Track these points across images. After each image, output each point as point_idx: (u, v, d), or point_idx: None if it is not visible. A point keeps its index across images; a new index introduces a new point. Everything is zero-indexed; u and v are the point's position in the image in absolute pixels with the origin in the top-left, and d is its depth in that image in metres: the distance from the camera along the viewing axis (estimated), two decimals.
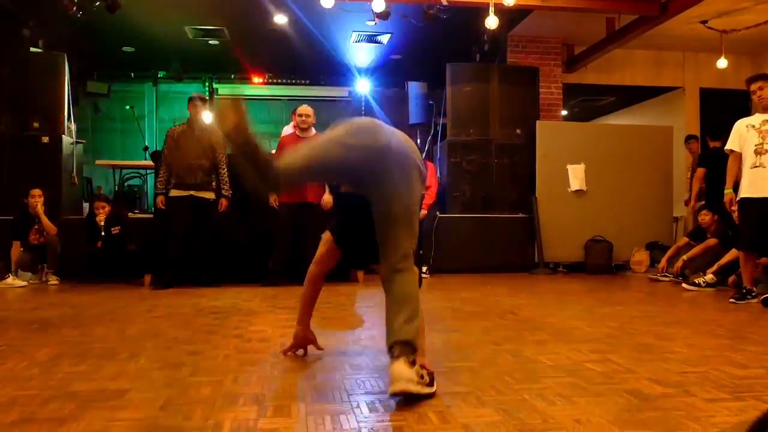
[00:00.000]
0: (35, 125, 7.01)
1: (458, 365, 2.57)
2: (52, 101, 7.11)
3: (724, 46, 7.67)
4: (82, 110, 10.06)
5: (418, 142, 8.96)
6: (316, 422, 1.84)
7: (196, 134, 5.88)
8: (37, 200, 6.37)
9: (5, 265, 6.19)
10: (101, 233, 6.38)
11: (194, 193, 5.82)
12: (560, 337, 3.25)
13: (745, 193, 4.72)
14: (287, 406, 2.00)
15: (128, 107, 9.94)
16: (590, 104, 11.43)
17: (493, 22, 6.19)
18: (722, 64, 7.67)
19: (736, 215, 4.89)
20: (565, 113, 9.68)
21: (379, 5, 6.47)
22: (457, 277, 6.85)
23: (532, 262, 7.51)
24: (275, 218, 6.01)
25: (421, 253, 7.08)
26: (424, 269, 6.90)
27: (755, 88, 4.76)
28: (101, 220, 6.41)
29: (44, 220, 6.35)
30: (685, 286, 5.74)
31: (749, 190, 4.69)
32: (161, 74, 10.87)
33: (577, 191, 7.63)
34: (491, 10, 6.15)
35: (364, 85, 10.80)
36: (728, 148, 4.92)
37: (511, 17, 7.76)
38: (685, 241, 6.59)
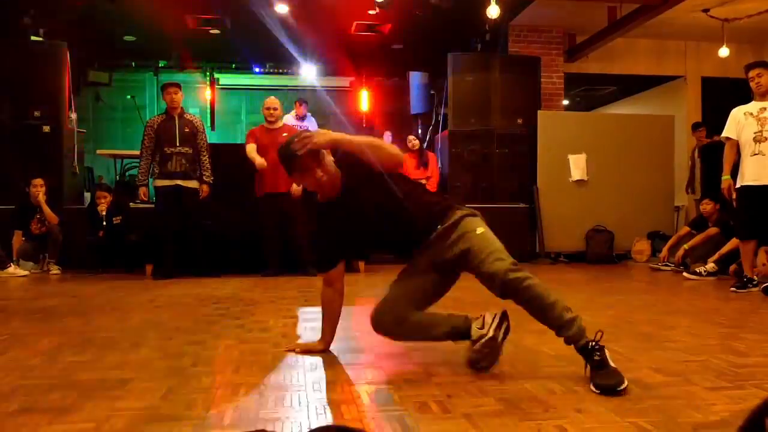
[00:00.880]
0: (36, 114, 6.99)
1: (460, 355, 2.57)
2: (52, 90, 7.09)
3: (725, 34, 7.63)
4: (83, 100, 10.03)
5: (419, 132, 8.94)
6: (317, 412, 1.84)
7: (176, 122, 5.84)
8: (38, 190, 6.38)
9: (7, 254, 6.21)
10: (103, 223, 6.40)
11: (179, 182, 5.79)
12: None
13: (744, 181, 4.71)
14: (288, 396, 2.01)
15: (129, 97, 9.92)
16: (592, 94, 11.40)
17: (494, 11, 6.17)
18: (724, 52, 7.64)
19: (735, 202, 4.90)
20: (566, 103, 9.66)
21: None
22: None
23: (533, 252, 7.51)
24: (260, 212, 6.01)
25: None
26: None
27: (754, 74, 4.75)
28: (103, 209, 6.42)
29: (46, 209, 6.36)
30: (686, 275, 5.75)
31: (749, 178, 4.68)
32: (162, 63, 10.83)
33: (578, 181, 7.62)
34: None
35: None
36: (725, 135, 4.90)
37: (512, 6, 7.72)
38: (686, 230, 6.59)
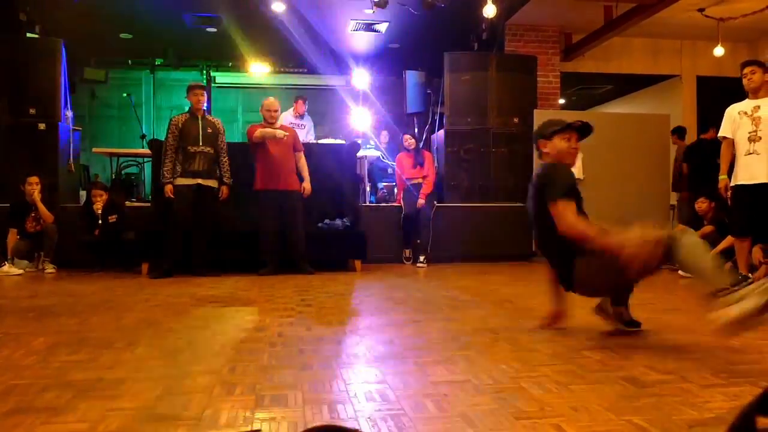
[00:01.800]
0: (32, 112, 6.97)
1: (455, 354, 2.58)
2: (48, 88, 7.07)
3: (720, 34, 7.66)
4: (79, 97, 10.01)
5: (415, 131, 8.94)
6: (313, 411, 1.84)
7: (199, 122, 5.88)
8: (34, 188, 6.36)
9: (2, 252, 6.19)
10: (98, 221, 6.38)
11: (201, 181, 5.83)
12: (556, 325, 3.25)
13: (739, 180, 4.76)
14: (284, 395, 2.00)
15: (125, 95, 9.90)
16: (588, 93, 11.41)
17: (491, 10, 6.17)
18: (719, 51, 7.66)
19: (729, 200, 4.93)
20: (562, 102, 9.67)
21: None
22: (454, 266, 6.86)
23: (529, 251, 7.51)
24: (258, 207, 6.00)
25: (419, 242, 7.08)
26: (421, 259, 6.91)
27: (747, 71, 4.81)
28: (98, 208, 6.40)
29: (41, 207, 6.34)
30: (681, 272, 5.76)
31: (743, 176, 4.73)
32: (158, 61, 10.81)
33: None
34: None
35: (361, 77, 10.62)
36: (721, 134, 4.97)
37: (509, 6, 7.73)
38: (681, 228, 6.61)
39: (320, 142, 8.10)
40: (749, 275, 4.81)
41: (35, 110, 6.98)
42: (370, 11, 7.29)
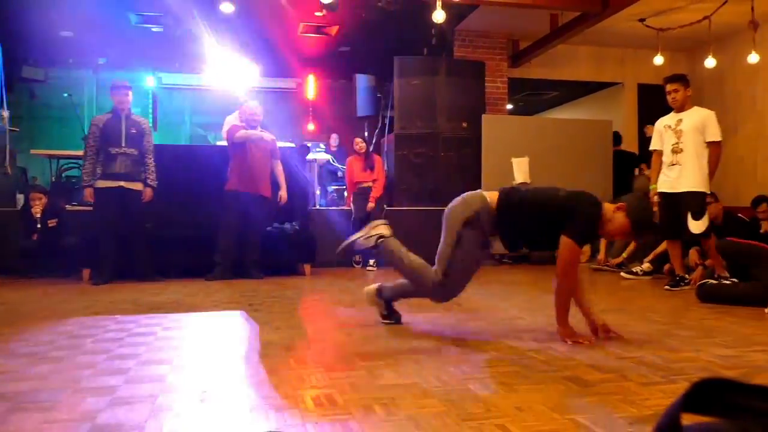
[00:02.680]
0: None
1: (403, 357, 2.58)
2: None
3: (660, 43, 7.92)
4: (16, 97, 9.63)
5: (365, 134, 8.96)
6: (260, 417, 1.82)
7: (123, 122, 5.68)
8: None
9: None
10: (37, 226, 6.15)
11: (124, 184, 5.61)
12: (504, 326, 3.31)
13: (663, 188, 5.04)
14: (230, 401, 1.97)
15: (66, 94, 9.56)
16: (535, 98, 11.65)
17: (440, 16, 6.22)
18: (659, 60, 7.92)
19: (656, 209, 5.18)
20: (510, 107, 9.84)
21: None
22: None
23: None
24: (221, 208, 5.90)
25: None
26: (371, 262, 6.91)
27: (671, 89, 5.02)
28: (37, 212, 6.18)
29: None
30: (623, 274, 5.94)
31: (666, 186, 5.02)
32: (102, 61, 10.49)
33: (521, 184, 7.76)
34: (438, 4, 6.17)
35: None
36: (652, 147, 5.26)
37: (458, 12, 7.82)
38: None
39: None
40: (686, 276, 5.00)
41: None
42: (320, 14, 7.26)
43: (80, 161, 8.19)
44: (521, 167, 7.76)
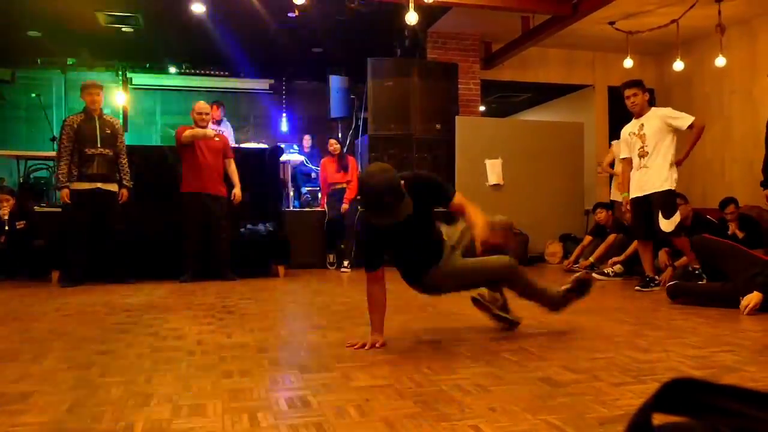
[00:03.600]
0: None
1: (378, 358, 2.59)
2: None
3: (630, 46, 8.05)
4: None
5: (339, 136, 8.95)
6: (233, 420, 1.80)
7: (96, 123, 5.61)
8: None
9: None
10: (5, 228, 6.02)
11: (100, 185, 5.55)
12: (478, 328, 3.32)
13: (633, 193, 5.11)
14: (203, 405, 1.95)
15: (34, 95, 9.36)
16: (507, 100, 11.74)
17: (413, 17, 6.23)
18: (628, 63, 8.05)
19: (628, 216, 5.27)
20: (483, 109, 9.90)
21: None
22: None
23: None
24: (182, 210, 5.84)
25: (342, 247, 7.08)
26: (345, 264, 6.90)
27: (630, 94, 5.10)
28: (5, 214, 6.05)
29: None
30: (594, 275, 6.00)
31: (636, 190, 5.08)
32: (71, 61, 10.30)
33: (494, 185, 7.83)
34: (411, 5, 6.19)
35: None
36: (621, 156, 5.32)
37: (431, 14, 7.85)
38: (588, 239, 6.93)
39: (242, 146, 7.95)
40: (655, 277, 5.08)
41: None
42: (293, 15, 7.22)
43: (49, 162, 8.04)
44: (494, 169, 7.83)
